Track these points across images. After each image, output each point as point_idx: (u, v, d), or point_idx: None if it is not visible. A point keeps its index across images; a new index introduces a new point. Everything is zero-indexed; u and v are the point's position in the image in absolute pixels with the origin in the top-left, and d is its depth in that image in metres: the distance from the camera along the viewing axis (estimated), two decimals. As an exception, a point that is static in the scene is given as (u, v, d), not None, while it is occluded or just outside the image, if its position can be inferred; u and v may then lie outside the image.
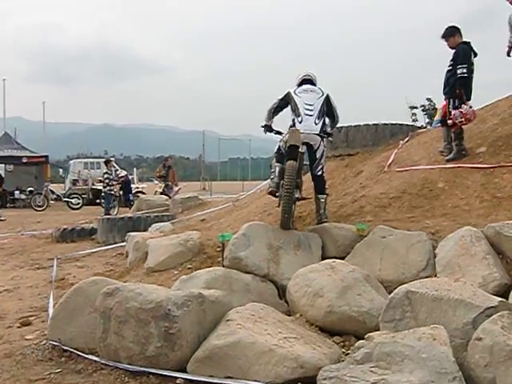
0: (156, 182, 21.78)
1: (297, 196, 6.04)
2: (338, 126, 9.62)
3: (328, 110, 6.30)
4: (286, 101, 6.31)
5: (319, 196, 6.31)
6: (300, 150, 5.82)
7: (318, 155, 6.16)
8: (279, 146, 6.20)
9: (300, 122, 6.03)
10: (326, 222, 6.20)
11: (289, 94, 6.30)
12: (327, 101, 6.25)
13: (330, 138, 6.81)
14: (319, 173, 6.33)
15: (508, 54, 8.44)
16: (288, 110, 6.29)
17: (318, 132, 6.03)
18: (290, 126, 6.15)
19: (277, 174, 6.10)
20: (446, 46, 7.21)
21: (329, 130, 6.43)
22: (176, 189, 19.05)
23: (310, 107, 6.09)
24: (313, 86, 6.38)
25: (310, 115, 6.04)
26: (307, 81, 6.47)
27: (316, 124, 6.03)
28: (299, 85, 6.47)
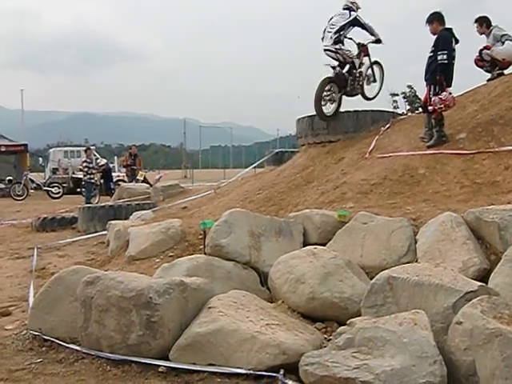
0: (123, 170, 21.92)
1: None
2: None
3: (361, 27, 7.59)
4: None
5: None
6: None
7: (356, 64, 7.58)
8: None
9: (322, 40, 7.35)
10: None
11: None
12: (354, 21, 7.38)
13: (380, 44, 8.20)
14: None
15: (476, 64, 8.99)
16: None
17: (330, 44, 7.24)
18: None
19: None
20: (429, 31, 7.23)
21: (373, 38, 7.83)
22: (157, 176, 18.95)
23: (332, 26, 7.25)
24: (344, 11, 7.49)
25: (330, 31, 7.21)
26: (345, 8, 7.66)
27: (331, 38, 7.21)
28: None
